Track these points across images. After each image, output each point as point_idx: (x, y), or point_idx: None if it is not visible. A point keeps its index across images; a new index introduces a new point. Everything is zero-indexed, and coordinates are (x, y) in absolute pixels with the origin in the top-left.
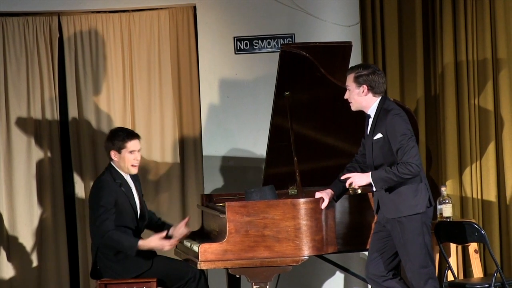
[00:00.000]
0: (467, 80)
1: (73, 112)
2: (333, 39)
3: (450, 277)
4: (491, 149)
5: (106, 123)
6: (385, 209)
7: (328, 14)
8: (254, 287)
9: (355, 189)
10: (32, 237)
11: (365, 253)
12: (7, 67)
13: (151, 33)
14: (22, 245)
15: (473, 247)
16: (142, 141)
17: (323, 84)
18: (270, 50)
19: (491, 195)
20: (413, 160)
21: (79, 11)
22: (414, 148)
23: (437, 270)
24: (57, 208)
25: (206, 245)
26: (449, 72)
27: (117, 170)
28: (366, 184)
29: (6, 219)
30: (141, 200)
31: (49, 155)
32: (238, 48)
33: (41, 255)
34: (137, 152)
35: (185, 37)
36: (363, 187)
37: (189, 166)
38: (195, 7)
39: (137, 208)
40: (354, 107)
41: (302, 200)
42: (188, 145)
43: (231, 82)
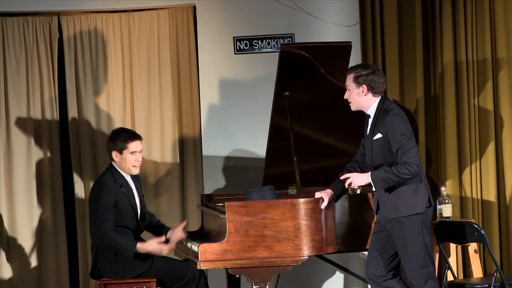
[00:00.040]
0: (467, 80)
1: (72, 112)
2: (333, 39)
3: (450, 277)
4: (491, 149)
5: (106, 123)
6: (385, 209)
7: (328, 14)
8: (254, 287)
9: (355, 189)
10: (32, 237)
11: (365, 253)
12: (6, 67)
13: (151, 33)
14: (22, 245)
15: (472, 247)
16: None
17: (323, 84)
18: (270, 50)
19: (491, 195)
20: (412, 160)
21: (79, 11)
22: (413, 148)
23: (437, 270)
24: (57, 208)
25: (205, 245)
26: (449, 72)
27: (118, 170)
28: (365, 184)
29: (6, 219)
30: (142, 200)
31: (48, 155)
32: (238, 48)
33: (41, 255)
34: (139, 153)
35: (185, 37)
36: (362, 187)
37: (189, 166)
38: (195, 7)
39: (137, 208)
40: (353, 107)
41: (302, 200)
42: (188, 145)
43: (231, 82)
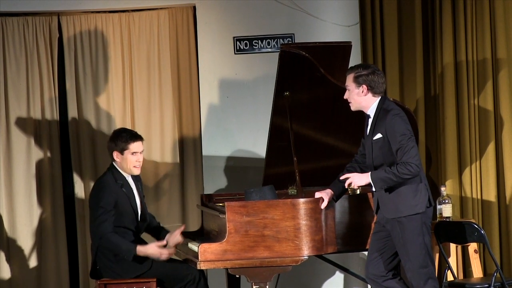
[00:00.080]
0: (467, 80)
1: (72, 112)
2: (333, 39)
3: (449, 277)
4: (491, 149)
5: (106, 123)
6: (384, 209)
7: (328, 14)
8: (254, 287)
9: (355, 189)
10: (31, 237)
11: (365, 253)
12: (6, 67)
13: (151, 33)
14: (21, 245)
15: (472, 247)
16: None
17: (322, 84)
18: (270, 50)
19: (491, 195)
20: (412, 160)
21: (78, 11)
22: (413, 148)
23: (437, 270)
24: (57, 208)
25: (205, 245)
26: (449, 72)
27: (119, 170)
28: (365, 184)
29: (6, 219)
30: (142, 201)
31: (48, 155)
32: (237, 48)
33: (41, 255)
34: (140, 153)
35: (185, 37)
36: (362, 187)
37: (189, 166)
38: (194, 7)
39: (137, 209)
40: (353, 107)
41: (301, 200)
42: (188, 145)
43: (231, 82)
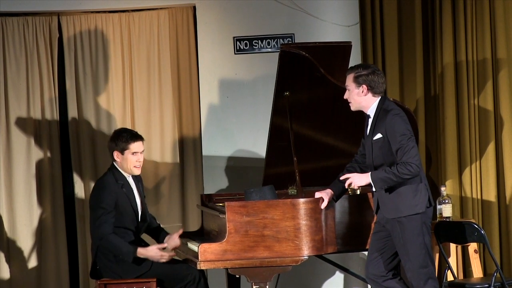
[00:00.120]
0: (467, 80)
1: (72, 112)
2: (333, 39)
3: (450, 277)
4: (491, 149)
5: (106, 123)
6: (384, 209)
7: (328, 14)
8: (254, 287)
9: (355, 190)
10: (31, 237)
11: (365, 253)
12: (6, 67)
13: (151, 33)
14: (21, 245)
15: (472, 247)
16: None
17: (322, 84)
18: (269, 50)
19: (491, 195)
20: (412, 160)
21: (78, 11)
22: (413, 148)
23: (437, 270)
24: (57, 208)
25: (205, 245)
26: (449, 72)
27: (119, 170)
28: (365, 184)
29: (5, 219)
30: (143, 201)
31: (48, 155)
32: (237, 48)
33: (41, 255)
34: (140, 153)
35: (185, 37)
36: (362, 188)
37: (189, 166)
38: (194, 7)
39: (138, 209)
40: (353, 107)
41: (301, 200)
42: (187, 145)
43: (230, 82)
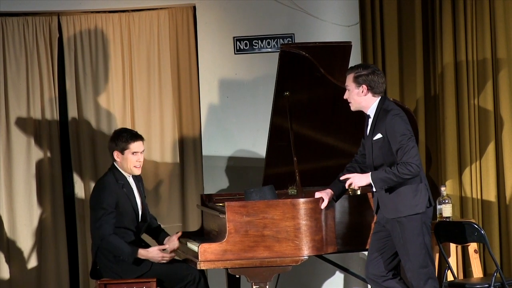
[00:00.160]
0: (467, 80)
1: (72, 112)
2: (333, 39)
3: (450, 277)
4: (491, 149)
5: (106, 123)
6: (384, 209)
7: (328, 14)
8: (254, 287)
9: (355, 190)
10: (31, 237)
11: (365, 253)
12: (6, 67)
13: (151, 33)
14: (21, 246)
15: (472, 247)
16: None
17: (322, 84)
18: (269, 50)
19: (491, 195)
20: (413, 160)
21: (78, 11)
22: (414, 148)
23: (437, 270)
24: (57, 208)
25: (205, 245)
26: (449, 72)
27: (120, 171)
28: (366, 184)
29: (5, 220)
30: (143, 201)
31: (48, 155)
32: (237, 48)
33: (41, 255)
34: (140, 153)
35: (185, 37)
36: (363, 188)
37: (189, 166)
38: (194, 7)
39: (138, 209)
40: (353, 107)
41: (301, 200)
42: (187, 145)
43: (230, 82)
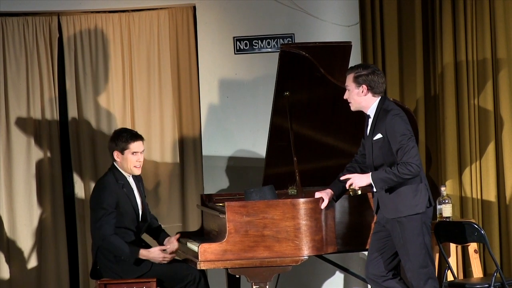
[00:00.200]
0: (467, 80)
1: (72, 112)
2: (332, 39)
3: (450, 277)
4: (491, 149)
5: (106, 123)
6: (385, 209)
7: (328, 14)
8: (254, 287)
9: (355, 190)
10: (31, 237)
11: (365, 253)
12: (6, 67)
13: (151, 33)
14: (21, 246)
15: (472, 247)
16: None
17: (322, 84)
18: (269, 50)
19: (491, 195)
20: (413, 160)
21: (78, 11)
22: (414, 148)
23: (437, 270)
24: (57, 208)
25: (205, 245)
26: (449, 72)
27: (120, 171)
28: (366, 184)
29: (5, 220)
30: (143, 201)
31: (48, 155)
32: (237, 48)
33: (41, 255)
34: (140, 153)
35: (185, 37)
36: (363, 188)
37: (189, 166)
38: (194, 7)
39: (138, 209)
40: (353, 107)
41: (301, 200)
42: (187, 145)
43: (230, 82)
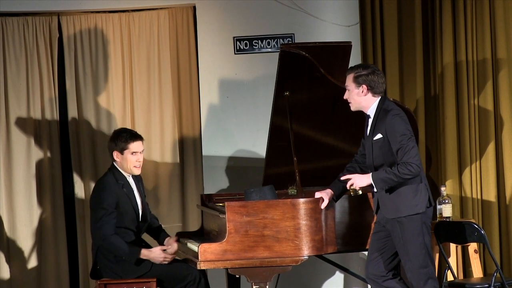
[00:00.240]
0: (467, 80)
1: (72, 112)
2: (332, 39)
3: (450, 277)
4: (491, 149)
5: (106, 123)
6: (385, 209)
7: (328, 14)
8: (254, 287)
9: (356, 190)
10: (31, 237)
11: (365, 253)
12: (7, 67)
13: (151, 33)
14: (21, 246)
15: (472, 247)
16: None
17: (322, 84)
18: (269, 50)
19: (491, 195)
20: (413, 160)
21: (78, 11)
22: (414, 148)
23: (437, 270)
24: (57, 208)
25: (205, 245)
26: (449, 72)
27: (119, 171)
28: (366, 185)
29: (5, 220)
30: (143, 201)
31: (48, 155)
32: (237, 48)
33: (41, 255)
34: (140, 153)
35: (185, 37)
36: (363, 188)
37: (189, 166)
38: (194, 7)
39: (138, 209)
40: (353, 107)
41: (301, 200)
42: (187, 145)
43: (230, 82)
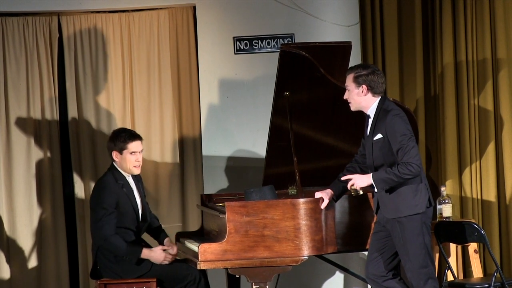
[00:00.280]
0: (467, 80)
1: (72, 112)
2: (332, 39)
3: (450, 277)
4: (491, 149)
5: (106, 123)
6: (385, 209)
7: (327, 14)
8: (254, 287)
9: (357, 190)
10: (31, 237)
11: (365, 253)
12: (6, 67)
13: (151, 33)
14: (21, 246)
15: (472, 247)
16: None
17: (322, 84)
18: (269, 50)
19: (491, 195)
20: (413, 160)
21: (78, 11)
22: (414, 148)
23: (437, 270)
24: (57, 208)
25: (205, 245)
26: (449, 72)
27: (119, 170)
28: (367, 185)
29: (5, 220)
30: (143, 201)
31: (48, 155)
32: (237, 48)
33: (41, 255)
34: (139, 153)
35: (185, 37)
36: (364, 188)
37: (189, 166)
38: (194, 7)
39: (138, 209)
40: (353, 107)
41: (301, 200)
42: (187, 145)
43: (230, 82)
